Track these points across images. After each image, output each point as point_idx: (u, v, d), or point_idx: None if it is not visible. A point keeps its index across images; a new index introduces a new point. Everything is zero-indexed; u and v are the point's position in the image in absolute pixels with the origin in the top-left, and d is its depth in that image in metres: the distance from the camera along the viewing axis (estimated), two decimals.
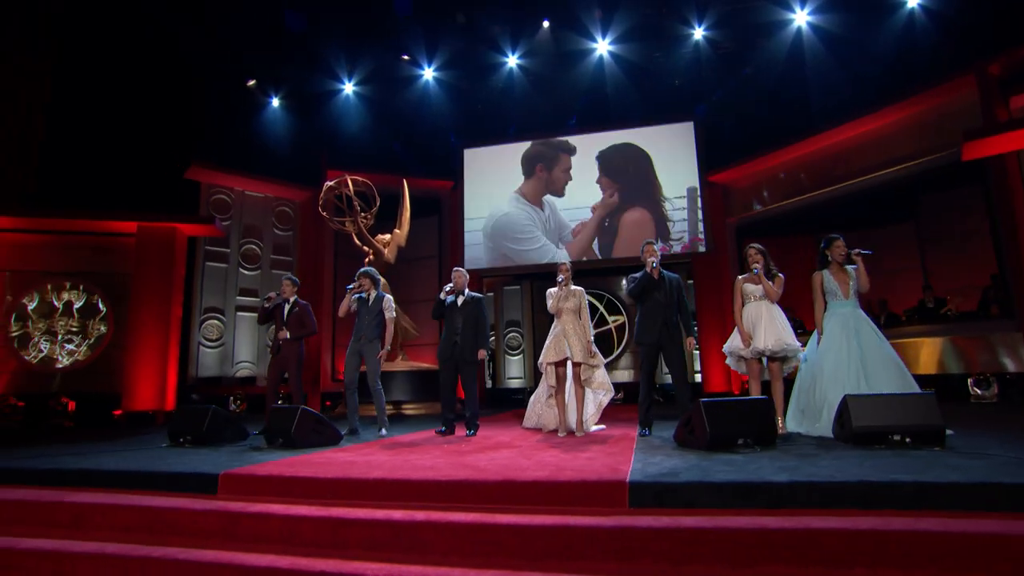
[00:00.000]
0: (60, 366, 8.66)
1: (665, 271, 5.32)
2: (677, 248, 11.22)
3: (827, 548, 2.34)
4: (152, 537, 3.20)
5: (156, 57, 9.46)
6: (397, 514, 2.97)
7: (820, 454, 3.62)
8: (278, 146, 11.20)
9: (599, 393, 5.57)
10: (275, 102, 11.21)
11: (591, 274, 12.07)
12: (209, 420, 5.18)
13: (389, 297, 6.04)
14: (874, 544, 2.32)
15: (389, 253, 10.41)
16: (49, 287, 8.84)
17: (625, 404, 10.40)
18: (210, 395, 9.74)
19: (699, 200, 11.31)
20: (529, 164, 12.22)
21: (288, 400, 10.89)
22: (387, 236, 10.54)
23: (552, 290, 5.47)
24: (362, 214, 10.24)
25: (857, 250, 4.81)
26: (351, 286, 6.12)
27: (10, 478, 3.93)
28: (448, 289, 5.83)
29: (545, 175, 12.10)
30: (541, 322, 12.37)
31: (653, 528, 2.55)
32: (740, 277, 5.17)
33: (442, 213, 12.91)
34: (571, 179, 12.01)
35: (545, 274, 11.93)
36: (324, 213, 10.17)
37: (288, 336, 6.00)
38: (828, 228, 12.39)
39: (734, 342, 5.08)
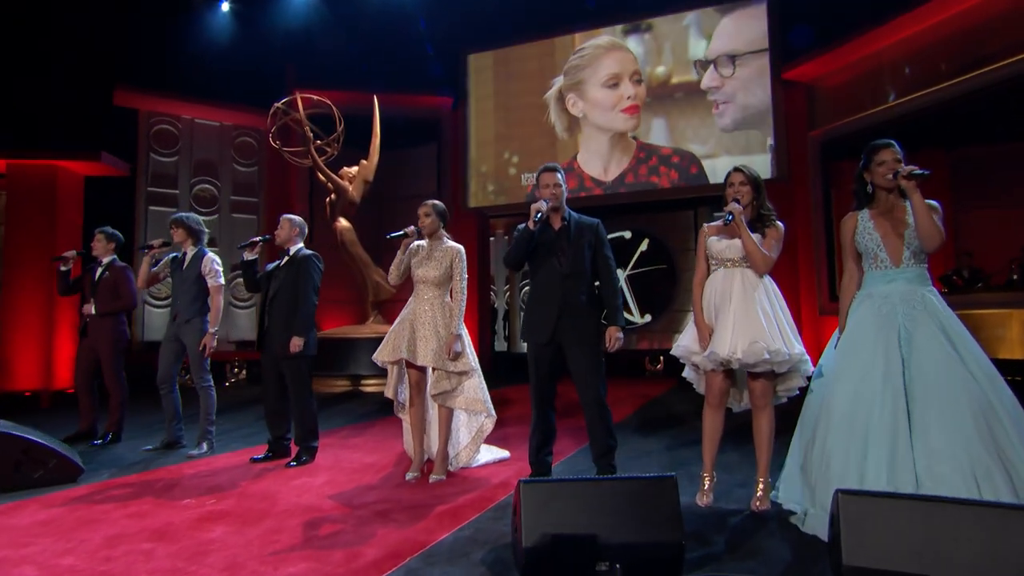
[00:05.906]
0: None
1: (577, 215, 3.45)
2: None
3: None
4: None
5: None
6: None
7: None
8: (234, 63, 9.86)
9: (478, 415, 3.82)
10: (224, 6, 9.83)
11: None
12: None
13: (212, 256, 4.59)
14: None
15: (354, 190, 9.14)
16: None
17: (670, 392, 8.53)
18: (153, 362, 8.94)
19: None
20: None
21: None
22: (353, 169, 9.18)
23: (414, 243, 3.73)
24: (317, 142, 8.87)
25: (910, 168, 2.61)
26: (148, 244, 4.76)
27: None
28: (250, 243, 4.23)
29: None
30: None
31: None
32: (707, 225, 3.19)
33: (442, 139, 11.27)
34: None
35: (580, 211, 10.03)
36: (276, 143, 8.94)
37: (94, 312, 4.76)
38: (967, 139, 9.40)
39: (685, 339, 3.17)
